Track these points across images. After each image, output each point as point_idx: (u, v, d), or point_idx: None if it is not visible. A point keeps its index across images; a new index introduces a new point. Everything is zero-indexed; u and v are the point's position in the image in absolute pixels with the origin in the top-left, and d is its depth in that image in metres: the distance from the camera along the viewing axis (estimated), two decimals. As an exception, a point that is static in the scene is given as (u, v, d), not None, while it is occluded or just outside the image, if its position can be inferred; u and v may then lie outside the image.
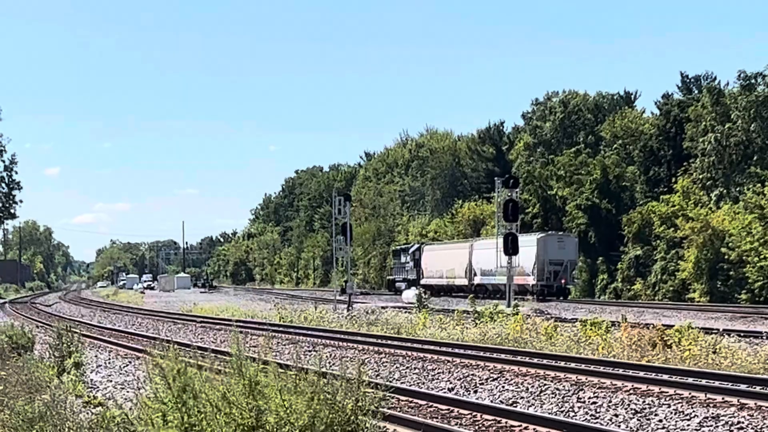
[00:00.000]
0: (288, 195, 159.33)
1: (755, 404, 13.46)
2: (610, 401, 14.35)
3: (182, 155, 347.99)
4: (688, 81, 75.51)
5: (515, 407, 14.20)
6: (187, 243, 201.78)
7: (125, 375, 19.47)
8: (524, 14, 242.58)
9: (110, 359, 23.11)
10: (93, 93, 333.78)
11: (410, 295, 48.01)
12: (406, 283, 70.28)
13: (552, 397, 15.12)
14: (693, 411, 13.24)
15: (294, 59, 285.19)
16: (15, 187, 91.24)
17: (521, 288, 52.81)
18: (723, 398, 14.06)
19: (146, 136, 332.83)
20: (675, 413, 13.16)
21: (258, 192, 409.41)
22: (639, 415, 13.18)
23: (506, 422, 12.63)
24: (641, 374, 16.57)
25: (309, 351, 24.01)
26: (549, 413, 13.60)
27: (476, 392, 16.26)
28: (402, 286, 71.38)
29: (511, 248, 41.86)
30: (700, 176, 60.89)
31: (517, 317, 27.58)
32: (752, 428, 12.08)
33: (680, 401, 14.13)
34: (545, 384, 16.43)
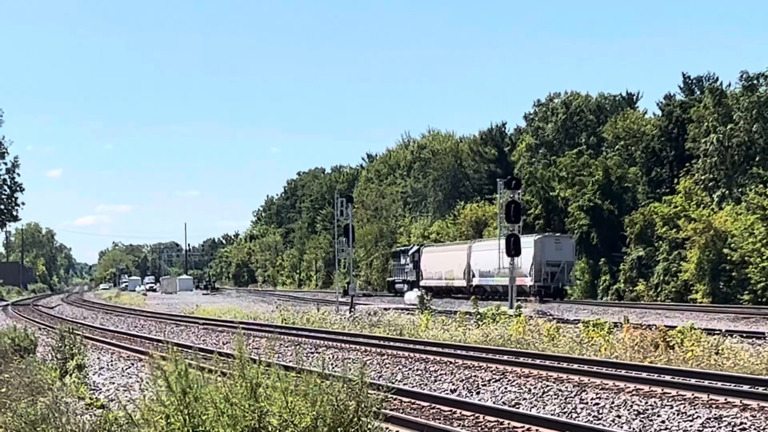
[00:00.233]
0: (290, 197, 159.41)
1: (758, 405, 13.45)
2: (613, 402, 14.35)
3: (184, 157, 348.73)
4: (690, 82, 75.53)
5: (518, 408, 14.19)
6: (190, 245, 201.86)
7: (128, 377, 19.47)
8: (526, 15, 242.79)
9: (113, 361, 23.11)
10: (94, 95, 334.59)
11: (412, 297, 48.04)
12: (406, 285, 70.40)
13: (555, 399, 15.11)
14: (696, 412, 13.23)
15: (295, 61, 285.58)
16: (17, 190, 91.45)
17: (519, 289, 52.74)
18: (725, 399, 14.06)
19: (148, 138, 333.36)
20: (678, 414, 13.16)
21: (260, 194, 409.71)
22: (642, 416, 13.17)
23: (509, 423, 12.62)
24: (644, 375, 16.57)
25: (311, 353, 24.02)
26: (552, 414, 13.60)
27: (479, 393, 16.25)
28: (401, 288, 71.49)
29: (514, 249, 41.84)
30: (702, 177, 60.87)
31: (520, 318, 27.56)
32: (755, 429, 12.07)
33: (683, 402, 14.12)
34: (548, 385, 16.42)
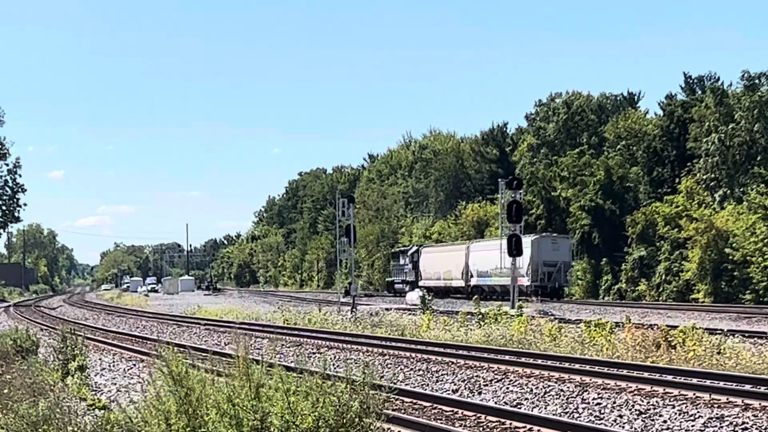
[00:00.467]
0: (292, 197, 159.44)
1: (760, 405, 13.44)
2: (615, 402, 14.34)
3: (185, 158, 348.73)
4: (692, 81, 75.52)
5: (520, 408, 14.19)
6: (191, 245, 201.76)
7: (129, 378, 19.48)
8: (527, 15, 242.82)
9: (114, 362, 23.11)
10: (96, 96, 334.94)
11: (414, 297, 48.05)
12: (405, 285, 70.63)
13: (556, 398, 15.11)
14: (697, 412, 13.22)
15: (296, 61, 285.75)
16: (19, 191, 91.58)
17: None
18: (727, 399, 14.05)
19: (149, 139, 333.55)
20: (679, 414, 13.15)
21: (262, 194, 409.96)
22: (643, 416, 13.17)
23: (510, 423, 12.62)
24: (645, 375, 16.56)
25: (313, 353, 24.02)
26: (553, 414, 13.60)
27: (480, 393, 16.25)
28: (400, 288, 71.72)
29: (515, 249, 41.82)
30: (704, 177, 60.85)
31: (521, 318, 27.55)
32: (757, 429, 12.06)
33: (684, 402, 14.11)
34: (549, 385, 16.42)
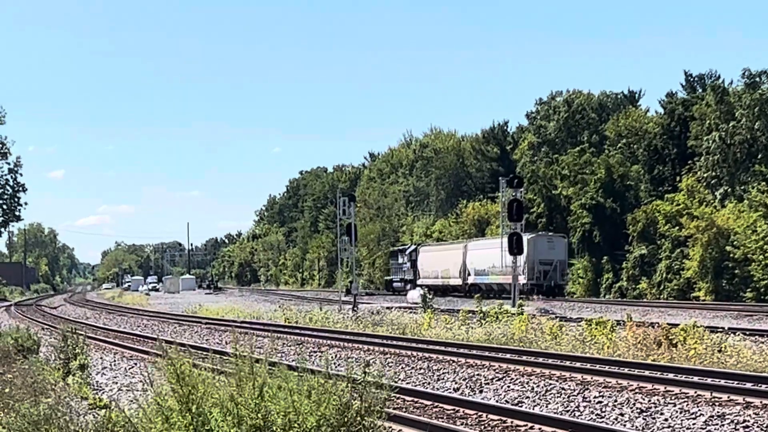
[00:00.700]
0: (292, 196, 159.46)
1: (761, 403, 13.45)
2: (616, 400, 14.35)
3: (185, 157, 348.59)
4: (692, 80, 75.49)
5: (521, 407, 14.19)
6: (192, 244, 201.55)
7: (131, 377, 19.48)
8: (528, 14, 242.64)
9: (116, 361, 23.12)
10: (96, 96, 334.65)
11: (415, 296, 48.08)
12: (403, 284, 70.87)
13: (557, 397, 15.11)
14: (698, 410, 13.22)
15: (297, 60, 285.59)
16: (20, 190, 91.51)
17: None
18: (728, 397, 14.05)
19: (149, 139, 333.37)
20: (680, 412, 13.15)
21: (262, 193, 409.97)
22: (644, 414, 13.17)
23: (512, 422, 12.62)
24: (646, 373, 16.56)
25: (314, 352, 24.04)
26: (554, 413, 13.59)
27: (482, 392, 16.25)
28: (399, 287, 71.94)
29: (516, 248, 41.82)
30: (705, 175, 60.83)
31: (522, 317, 27.55)
32: (758, 427, 12.06)
33: (686, 400, 14.12)
34: (551, 383, 16.42)
